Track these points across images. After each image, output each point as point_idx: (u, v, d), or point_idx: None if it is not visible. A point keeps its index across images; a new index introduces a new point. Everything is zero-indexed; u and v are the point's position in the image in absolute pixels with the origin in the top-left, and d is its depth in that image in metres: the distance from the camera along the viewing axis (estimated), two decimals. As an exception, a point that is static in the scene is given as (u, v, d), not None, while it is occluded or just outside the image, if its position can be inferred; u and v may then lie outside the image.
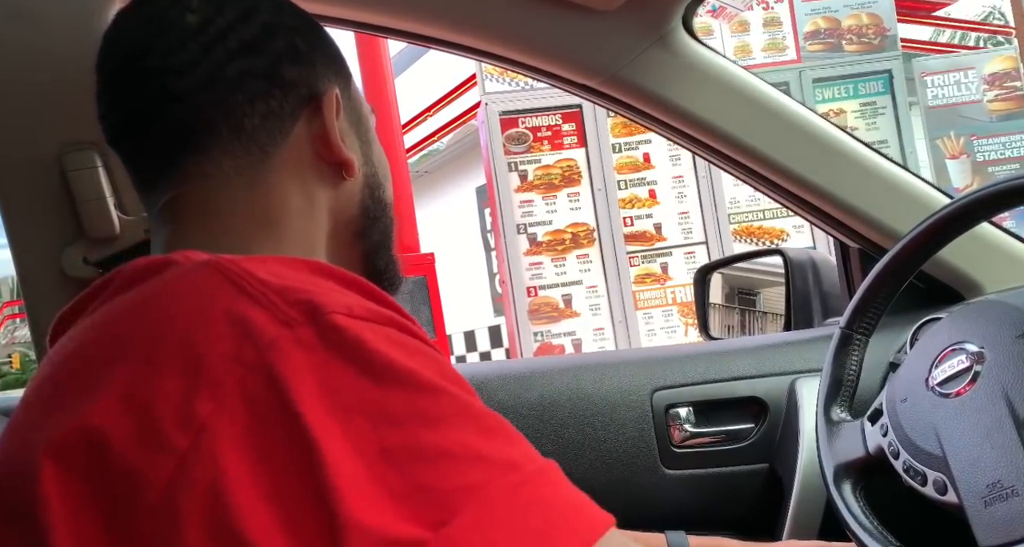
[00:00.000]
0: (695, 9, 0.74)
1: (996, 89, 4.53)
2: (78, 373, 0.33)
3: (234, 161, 0.42)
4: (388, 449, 0.28)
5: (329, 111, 0.43)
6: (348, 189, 0.45)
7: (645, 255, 3.52)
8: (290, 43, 0.43)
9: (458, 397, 0.31)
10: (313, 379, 0.29)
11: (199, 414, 0.28)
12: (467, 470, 0.29)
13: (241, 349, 0.29)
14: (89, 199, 0.58)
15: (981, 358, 0.49)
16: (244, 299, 0.31)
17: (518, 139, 3.47)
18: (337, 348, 0.29)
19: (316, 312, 0.30)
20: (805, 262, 0.94)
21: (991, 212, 0.55)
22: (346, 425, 0.28)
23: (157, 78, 0.42)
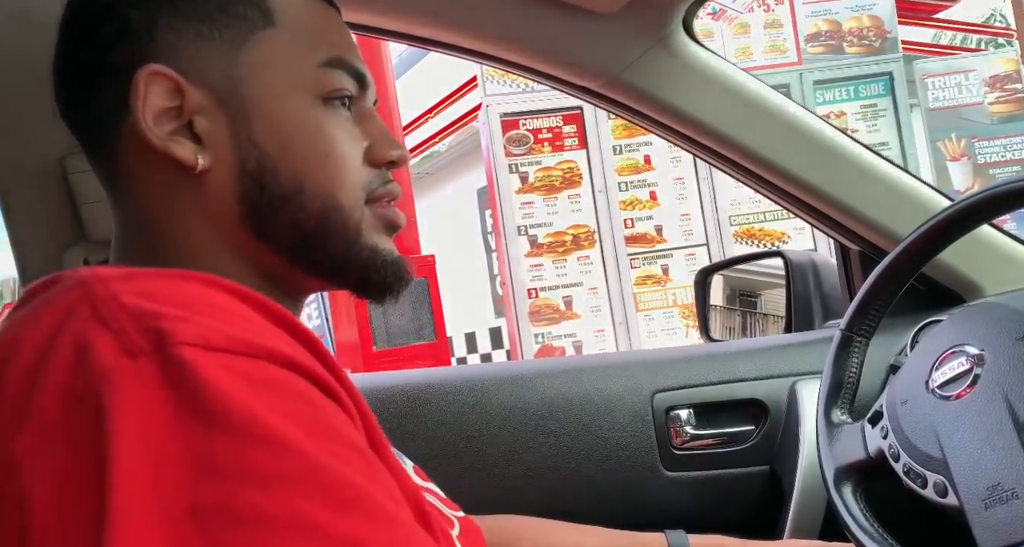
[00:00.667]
0: (695, 12, 0.74)
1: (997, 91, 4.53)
2: None
3: (99, 170, 0.39)
4: (199, 507, 0.24)
5: (136, 93, 0.35)
6: (212, 183, 0.37)
7: (646, 257, 3.52)
8: (123, 20, 0.36)
9: (312, 457, 0.26)
10: (137, 418, 0.25)
11: (15, 450, 0.26)
12: (291, 543, 0.24)
13: (75, 378, 0.26)
14: (91, 201, 0.58)
15: (981, 360, 0.49)
16: (94, 323, 0.28)
17: (519, 141, 3.47)
18: (175, 385, 0.26)
19: (163, 342, 0.27)
20: (806, 264, 0.94)
21: (992, 214, 0.55)
22: (159, 475, 0.25)
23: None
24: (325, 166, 0.38)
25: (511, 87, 3.46)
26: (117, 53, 0.37)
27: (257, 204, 0.37)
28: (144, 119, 0.36)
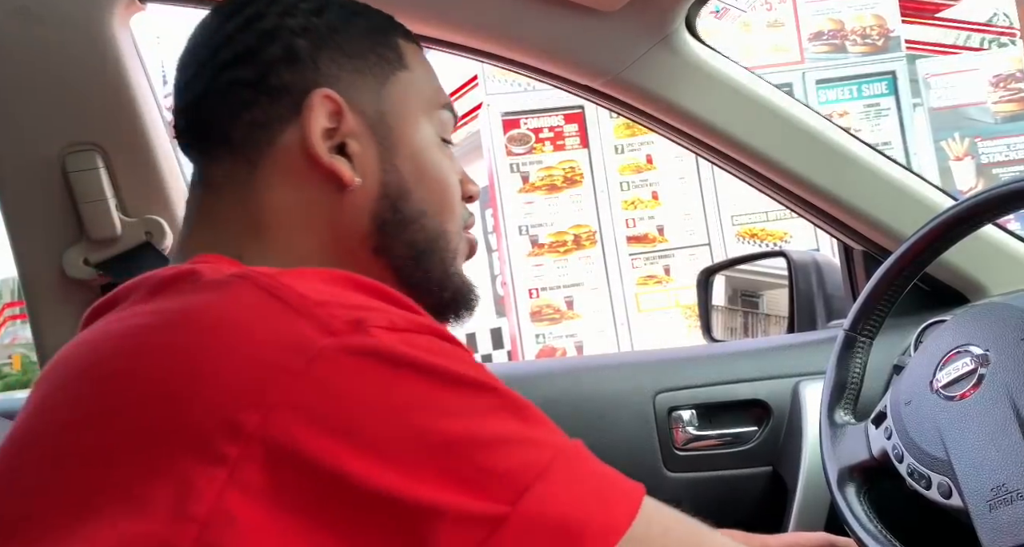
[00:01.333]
0: (698, 10, 0.74)
1: (1000, 90, 4.52)
2: (105, 382, 0.32)
3: (223, 170, 0.42)
4: (449, 441, 0.31)
5: (309, 114, 0.41)
6: (354, 201, 0.42)
7: (647, 257, 3.51)
8: (287, 47, 0.42)
9: (499, 391, 0.34)
10: (365, 383, 0.30)
11: (246, 423, 0.29)
12: (522, 451, 0.32)
13: (287, 359, 0.30)
14: (90, 200, 0.58)
15: (986, 361, 0.49)
16: (289, 312, 0.32)
17: (520, 140, 3.47)
18: (385, 357, 0.31)
19: (361, 325, 0.32)
20: (809, 264, 0.93)
21: (996, 214, 0.55)
22: (406, 422, 0.30)
23: (179, 93, 0.44)
24: (444, 196, 0.45)
25: (512, 86, 3.46)
26: (281, 75, 0.42)
27: (386, 222, 0.43)
28: (313, 137, 0.41)
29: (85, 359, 0.35)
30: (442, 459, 0.30)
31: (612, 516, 0.33)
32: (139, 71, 0.66)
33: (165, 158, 0.67)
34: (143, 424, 0.30)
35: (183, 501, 0.29)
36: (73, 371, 0.34)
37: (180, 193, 0.69)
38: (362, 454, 0.30)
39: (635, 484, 0.35)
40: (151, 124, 0.65)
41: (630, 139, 3.53)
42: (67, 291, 0.60)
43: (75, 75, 0.56)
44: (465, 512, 0.30)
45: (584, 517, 0.32)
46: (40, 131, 0.58)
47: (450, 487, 0.30)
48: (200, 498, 0.29)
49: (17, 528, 0.31)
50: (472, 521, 0.30)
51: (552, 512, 0.31)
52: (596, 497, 0.33)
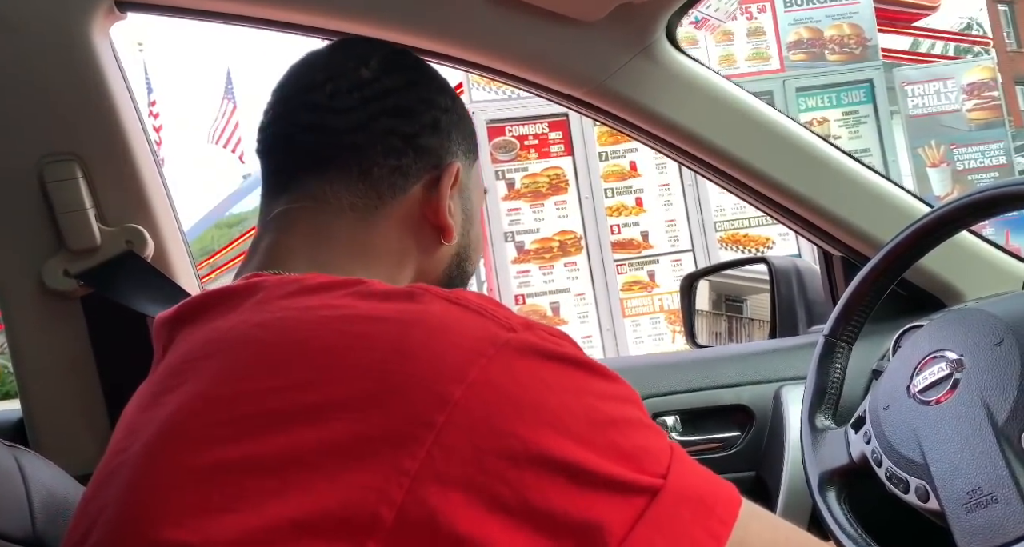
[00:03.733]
0: (678, 20, 0.75)
1: (975, 98, 4.61)
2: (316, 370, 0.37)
3: (353, 198, 0.48)
4: (612, 419, 0.37)
5: (447, 180, 0.50)
6: (440, 253, 0.51)
7: (632, 263, 3.53)
8: (435, 118, 0.50)
9: (627, 384, 0.39)
10: (544, 368, 0.36)
11: (452, 395, 0.34)
12: (657, 436, 0.38)
13: (481, 346, 0.36)
14: (69, 210, 0.57)
15: (960, 365, 0.50)
16: (474, 314, 0.38)
17: (505, 147, 3.48)
18: (552, 351, 0.37)
19: (530, 325, 0.38)
20: (789, 270, 0.94)
21: (971, 220, 0.56)
22: (580, 401, 0.36)
23: (317, 110, 0.49)
24: (481, 250, 0.57)
25: (497, 94, 3.47)
26: (429, 139, 0.50)
27: (452, 275, 0.53)
28: (447, 196, 0.50)
29: (273, 336, 0.38)
30: (609, 434, 0.36)
31: (729, 491, 0.39)
32: (119, 80, 0.66)
33: (146, 166, 0.67)
34: (363, 390, 0.35)
35: (399, 458, 0.33)
36: (263, 346, 0.38)
37: (161, 201, 0.69)
38: (541, 424, 0.35)
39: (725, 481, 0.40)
40: (131, 133, 0.65)
41: (614, 146, 3.55)
42: (46, 302, 0.59)
43: (53, 85, 0.55)
44: (630, 482, 0.35)
45: (712, 491, 0.38)
46: (17, 141, 0.57)
47: (616, 460, 0.35)
48: (413, 456, 0.33)
49: (233, 485, 0.34)
50: (635, 491, 0.35)
51: (690, 485, 0.37)
52: (713, 478, 0.39)
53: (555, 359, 0.37)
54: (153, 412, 0.39)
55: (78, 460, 0.57)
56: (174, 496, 0.35)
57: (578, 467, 0.34)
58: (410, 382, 0.35)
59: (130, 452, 0.38)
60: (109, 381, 0.63)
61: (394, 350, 0.36)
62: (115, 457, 0.39)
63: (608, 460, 0.35)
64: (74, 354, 0.59)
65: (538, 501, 0.34)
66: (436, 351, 0.36)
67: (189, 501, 0.34)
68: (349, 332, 0.37)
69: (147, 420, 0.38)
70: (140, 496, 0.36)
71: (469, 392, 0.34)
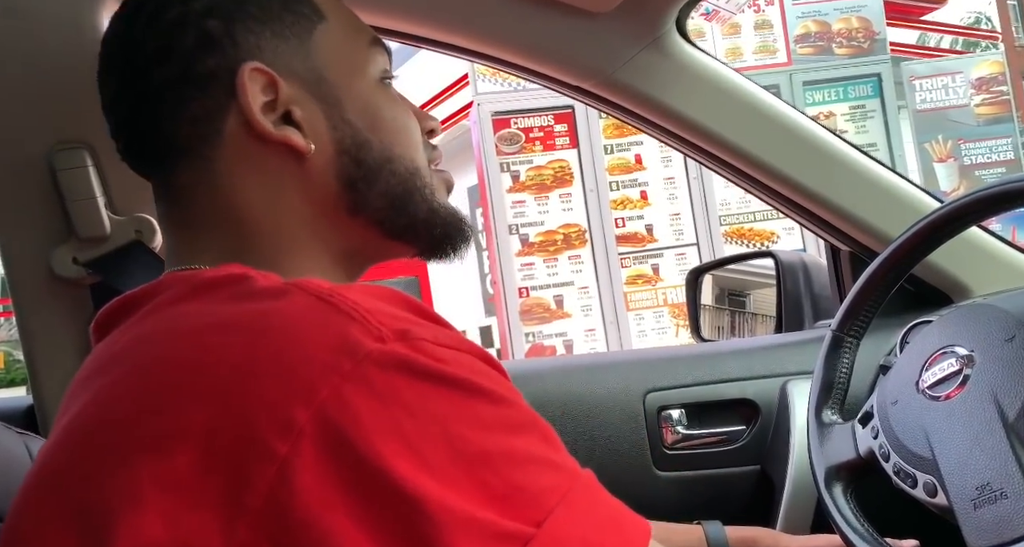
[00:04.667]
0: (689, 12, 0.74)
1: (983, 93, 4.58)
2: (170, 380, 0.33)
3: (185, 176, 0.41)
4: (485, 454, 0.31)
5: (243, 92, 0.39)
6: (315, 165, 0.41)
7: (636, 256, 3.53)
8: (201, 31, 0.40)
9: (530, 413, 0.34)
10: (410, 389, 0.31)
11: (297, 421, 0.30)
12: (548, 473, 0.32)
13: (339, 361, 0.31)
14: (79, 199, 0.57)
15: (971, 361, 0.50)
16: (338, 315, 0.32)
17: (510, 139, 3.47)
18: (428, 369, 0.32)
19: (407, 334, 0.32)
20: (796, 264, 0.94)
21: (980, 216, 0.55)
22: (446, 431, 0.31)
23: (106, 112, 0.42)
24: (404, 137, 0.44)
25: (502, 85, 3.46)
26: (203, 62, 0.40)
27: (353, 179, 0.41)
28: (256, 115, 0.39)
29: (142, 353, 0.35)
30: (478, 471, 0.31)
31: (628, 542, 0.33)
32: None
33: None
34: (204, 417, 0.31)
35: (238, 494, 0.29)
36: (131, 367, 0.35)
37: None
38: (403, 455, 0.30)
39: (642, 519, 0.35)
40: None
41: (619, 139, 3.54)
42: (55, 290, 0.59)
43: (62, 71, 0.55)
44: (495, 529, 0.30)
45: (602, 541, 0.32)
46: (27, 129, 0.57)
47: (482, 501, 0.30)
48: (254, 491, 0.29)
49: (76, 518, 0.31)
50: (500, 539, 0.30)
51: (573, 535, 0.31)
52: (612, 524, 0.33)
53: (428, 378, 0.31)
54: (54, 429, 0.36)
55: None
56: (27, 528, 0.33)
57: (436, 505, 0.29)
58: (252, 406, 0.30)
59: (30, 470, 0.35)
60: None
61: (240, 367, 0.31)
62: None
63: (470, 501, 0.30)
64: (83, 341, 0.59)
65: (391, 539, 0.29)
66: (284, 366, 0.31)
67: (31, 539, 0.32)
68: (200, 345, 0.33)
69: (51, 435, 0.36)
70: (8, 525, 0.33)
71: (317, 417, 0.29)
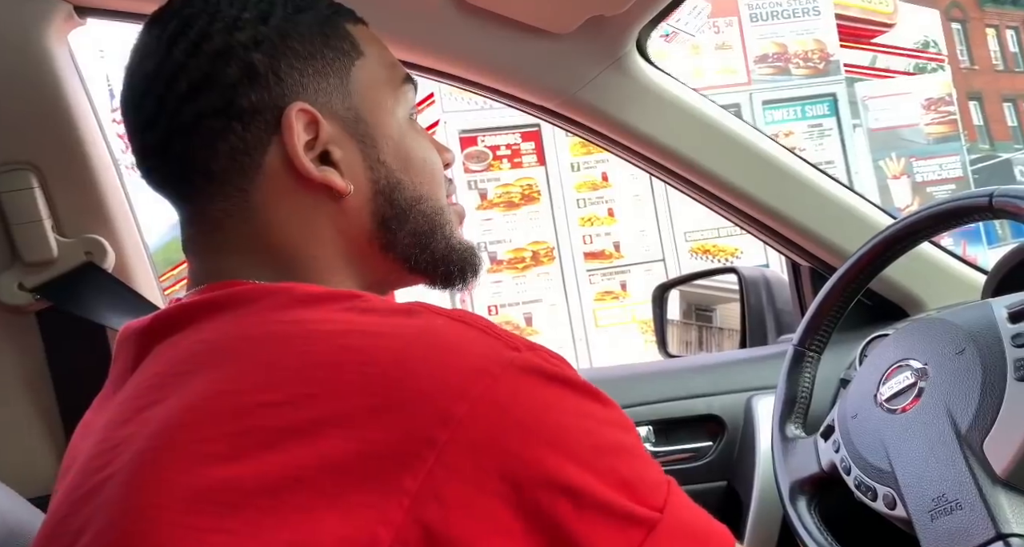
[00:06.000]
0: (649, 33, 0.76)
1: (932, 113, 4.77)
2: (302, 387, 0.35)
3: (217, 206, 0.41)
4: (614, 443, 0.35)
5: (290, 133, 0.40)
6: (351, 205, 0.42)
7: (604, 272, 3.56)
8: (245, 64, 0.40)
9: (624, 413, 0.38)
10: (547, 389, 0.35)
11: (456, 412, 0.33)
12: (655, 469, 0.37)
13: (486, 364, 0.35)
14: (24, 222, 0.55)
15: (925, 374, 0.51)
16: (479, 332, 0.36)
17: (477, 157, 3.48)
18: (554, 372, 0.36)
19: (533, 347, 0.36)
20: (759, 279, 0.96)
21: (932, 232, 0.57)
22: (581, 423, 0.35)
23: (134, 136, 0.42)
24: (431, 176, 0.45)
25: (469, 104, 3.47)
26: (247, 96, 0.40)
27: (387, 218, 0.43)
28: (300, 156, 0.40)
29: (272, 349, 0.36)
30: (610, 460, 0.35)
31: (722, 531, 0.37)
32: (78, 88, 0.64)
33: (105, 175, 0.65)
34: (362, 406, 0.33)
35: (400, 477, 0.32)
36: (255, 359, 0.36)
37: (122, 211, 0.67)
38: (545, 446, 0.33)
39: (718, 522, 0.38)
40: (90, 141, 0.63)
41: (586, 157, 3.58)
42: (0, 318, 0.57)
43: (7, 92, 0.53)
44: (629, 512, 0.34)
45: (707, 529, 0.36)
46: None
47: (617, 488, 0.34)
48: (414, 474, 0.32)
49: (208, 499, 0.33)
50: (633, 522, 0.34)
51: (687, 521, 0.36)
52: (704, 516, 0.37)
53: (558, 382, 0.35)
54: (136, 427, 0.36)
55: (33, 483, 0.54)
56: (166, 517, 0.33)
57: (581, 491, 0.33)
58: (412, 398, 0.33)
59: (114, 468, 0.35)
60: (66, 399, 0.61)
61: (396, 365, 0.34)
62: (95, 474, 0.36)
63: (609, 487, 0.34)
64: (29, 371, 0.56)
65: (538, 524, 0.33)
66: (439, 367, 0.34)
67: (180, 522, 0.32)
68: (348, 346, 0.35)
69: (129, 436, 0.36)
70: (131, 516, 0.33)
71: (473, 410, 0.33)
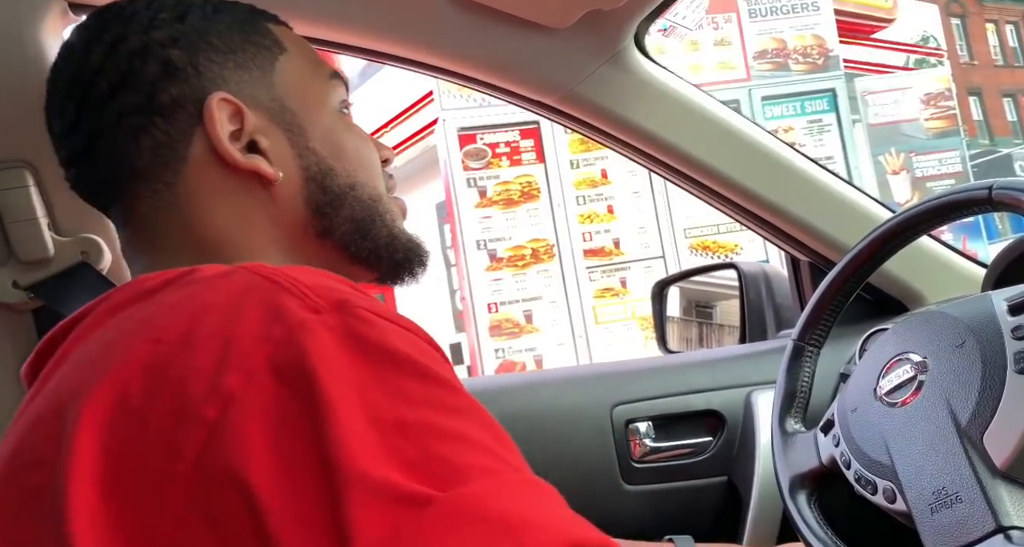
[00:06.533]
0: (647, 28, 0.76)
1: (931, 108, 4.77)
2: (103, 355, 0.34)
3: (146, 202, 0.41)
4: (404, 423, 0.30)
5: (211, 122, 0.40)
6: (282, 192, 0.42)
7: (604, 269, 3.56)
8: (163, 61, 0.40)
9: (471, 400, 0.33)
10: (337, 357, 0.31)
11: (227, 387, 0.30)
12: (481, 455, 0.31)
13: (271, 329, 0.31)
14: (19, 220, 0.55)
15: (924, 367, 0.51)
16: (277, 289, 0.33)
17: (476, 155, 3.48)
18: (360, 337, 0.32)
19: (344, 304, 0.32)
20: (758, 275, 0.95)
21: (931, 225, 0.57)
22: (363, 398, 0.30)
23: (58, 141, 0.42)
24: (366, 164, 0.45)
25: (468, 101, 3.47)
26: (167, 91, 0.40)
27: (320, 205, 0.43)
28: (225, 143, 0.40)
29: (93, 353, 0.35)
30: (391, 438, 0.29)
31: (573, 528, 0.30)
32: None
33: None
34: (136, 392, 0.31)
35: (171, 461, 0.30)
36: (79, 364, 0.35)
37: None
38: (321, 416, 0.29)
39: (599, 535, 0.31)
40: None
41: (585, 154, 3.58)
42: (-6, 315, 0.57)
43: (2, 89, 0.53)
44: (397, 491, 0.28)
45: (536, 519, 0.29)
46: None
47: (393, 465, 0.29)
48: (183, 458, 0.30)
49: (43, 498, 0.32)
50: (398, 500, 0.28)
51: (493, 507, 0.29)
52: (560, 512, 0.30)
53: (358, 347, 0.31)
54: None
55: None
56: None
57: (339, 463, 0.28)
58: (187, 375, 0.31)
59: None
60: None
61: (180, 339, 0.32)
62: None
63: (376, 463, 0.28)
64: (26, 369, 0.56)
65: (302, 497, 0.28)
66: (224, 337, 0.31)
67: None
68: (147, 325, 0.33)
69: None
70: None
71: (247, 382, 0.30)
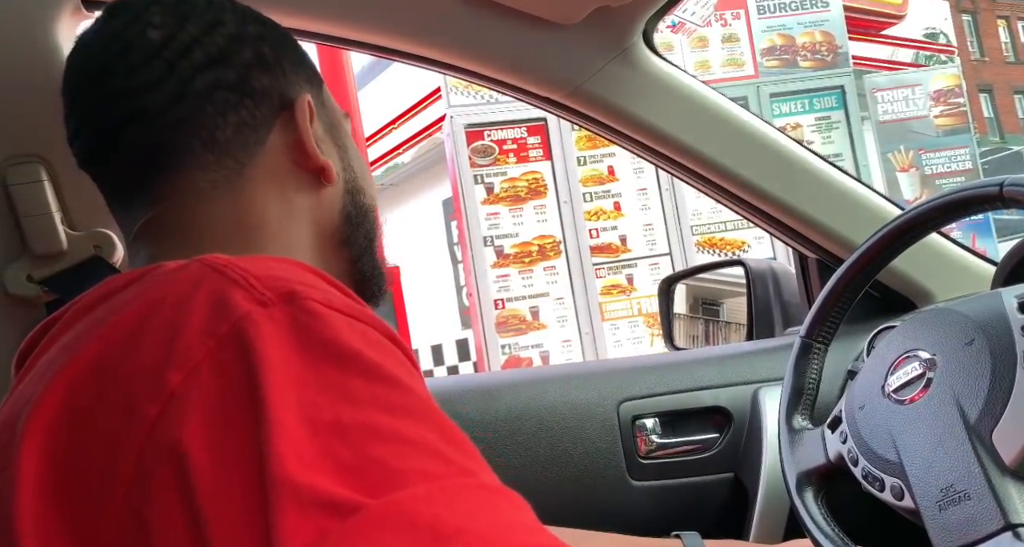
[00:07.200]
0: (655, 24, 0.76)
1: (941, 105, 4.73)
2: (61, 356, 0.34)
3: (208, 175, 0.42)
4: (342, 424, 0.28)
5: (303, 118, 0.44)
6: (329, 196, 0.46)
7: (611, 266, 3.55)
8: (258, 52, 0.43)
9: (424, 399, 0.30)
10: (279, 353, 0.29)
11: (170, 385, 0.29)
12: (424, 459, 0.28)
13: (216, 324, 0.30)
14: (33, 214, 0.55)
15: (933, 365, 0.51)
16: (225, 281, 0.32)
17: (484, 152, 3.48)
18: (307, 331, 0.30)
19: (293, 296, 0.31)
20: (765, 272, 0.95)
21: (940, 223, 0.57)
22: (301, 396, 0.29)
23: (121, 98, 0.41)
24: (374, 190, 0.50)
25: (475, 98, 3.47)
26: (259, 79, 0.43)
27: (350, 216, 0.47)
28: (310, 137, 0.44)
29: (52, 357, 0.35)
30: (325, 440, 0.27)
31: (516, 537, 0.27)
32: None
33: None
34: (90, 394, 0.31)
35: (113, 463, 0.29)
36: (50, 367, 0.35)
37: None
38: (259, 415, 0.28)
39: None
40: (100, 135, 0.63)
41: (592, 151, 3.57)
42: (8, 309, 0.57)
43: (16, 85, 0.54)
44: (321, 497, 0.26)
45: (472, 527, 0.26)
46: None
47: (322, 469, 0.27)
48: (123, 461, 0.29)
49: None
50: (321, 506, 0.26)
51: (423, 513, 0.26)
52: (508, 519, 0.27)
53: (305, 341, 0.29)
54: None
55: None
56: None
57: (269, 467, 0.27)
58: (131, 373, 0.30)
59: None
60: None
61: (126, 337, 0.31)
62: None
63: (302, 467, 0.27)
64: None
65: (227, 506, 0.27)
66: (170, 332, 0.30)
67: None
68: (98, 331, 0.33)
69: None
70: None
71: (189, 379, 0.29)
